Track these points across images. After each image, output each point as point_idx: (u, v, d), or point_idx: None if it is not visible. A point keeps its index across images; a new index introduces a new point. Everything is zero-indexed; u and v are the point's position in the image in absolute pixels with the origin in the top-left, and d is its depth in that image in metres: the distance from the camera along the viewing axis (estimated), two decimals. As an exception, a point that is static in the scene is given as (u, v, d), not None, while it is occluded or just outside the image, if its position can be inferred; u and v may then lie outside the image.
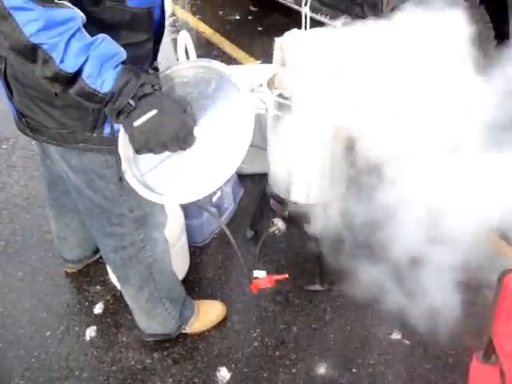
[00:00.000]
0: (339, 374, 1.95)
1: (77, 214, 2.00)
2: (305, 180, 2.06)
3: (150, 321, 1.97)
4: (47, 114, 1.42)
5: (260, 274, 1.95)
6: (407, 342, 2.03)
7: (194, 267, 2.38)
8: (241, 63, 4.11)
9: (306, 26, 1.96)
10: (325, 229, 2.22)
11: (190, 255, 2.39)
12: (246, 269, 1.86)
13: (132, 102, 1.19)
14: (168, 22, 5.09)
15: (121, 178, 1.32)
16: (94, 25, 1.22)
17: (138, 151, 1.27)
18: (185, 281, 2.27)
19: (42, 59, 1.13)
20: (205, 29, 4.82)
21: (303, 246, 2.39)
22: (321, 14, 3.75)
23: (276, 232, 2.20)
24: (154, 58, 1.56)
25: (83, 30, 1.16)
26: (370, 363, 1.98)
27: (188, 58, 2.73)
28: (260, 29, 4.70)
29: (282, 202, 2.16)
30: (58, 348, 2.08)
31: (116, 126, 1.37)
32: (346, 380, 1.93)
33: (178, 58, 2.51)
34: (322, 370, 1.96)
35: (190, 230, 2.40)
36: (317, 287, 2.24)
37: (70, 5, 1.14)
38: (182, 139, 1.25)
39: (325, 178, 2.07)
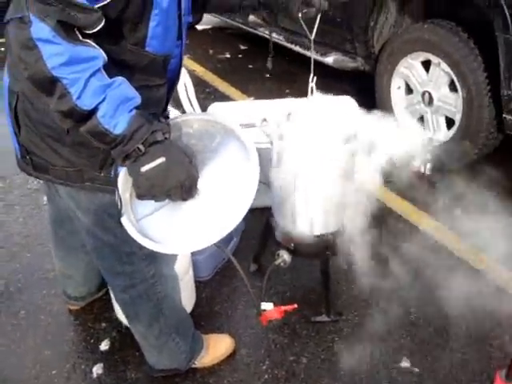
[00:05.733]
0: (351, 404, 1.95)
1: (85, 253, 2.00)
2: (309, 211, 2.09)
3: (160, 356, 1.95)
4: (55, 152, 1.43)
5: (267, 306, 1.95)
6: (416, 370, 2.04)
7: (199, 301, 2.38)
8: (234, 100, 4.18)
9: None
10: (331, 259, 2.25)
11: (195, 290, 2.39)
12: (255, 300, 1.86)
13: (141, 147, 1.21)
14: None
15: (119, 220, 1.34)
16: (111, 64, 1.25)
17: (140, 197, 1.28)
18: (191, 315, 2.25)
19: (60, 93, 1.15)
20: (196, 67, 4.90)
21: (308, 277, 2.41)
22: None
23: (282, 264, 2.21)
24: (166, 104, 1.60)
25: (103, 70, 1.20)
26: (380, 392, 1.98)
27: (187, 95, 2.80)
28: (251, 66, 4.80)
29: (287, 233, 2.19)
30: (65, 387, 2.06)
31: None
32: (358, 410, 1.93)
33: (179, 95, 2.57)
34: (333, 400, 1.96)
35: (194, 265, 2.41)
36: (324, 318, 2.25)
37: (94, 44, 1.18)
38: (185, 189, 1.26)
39: (329, 208, 2.10)
